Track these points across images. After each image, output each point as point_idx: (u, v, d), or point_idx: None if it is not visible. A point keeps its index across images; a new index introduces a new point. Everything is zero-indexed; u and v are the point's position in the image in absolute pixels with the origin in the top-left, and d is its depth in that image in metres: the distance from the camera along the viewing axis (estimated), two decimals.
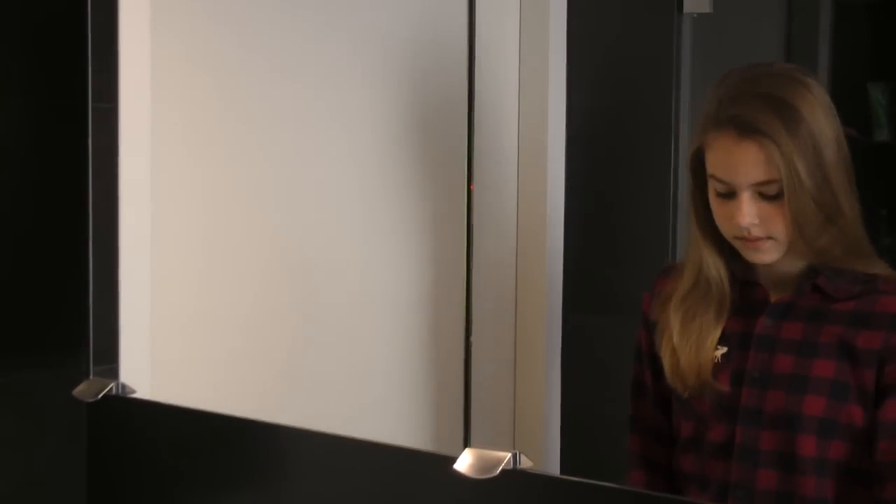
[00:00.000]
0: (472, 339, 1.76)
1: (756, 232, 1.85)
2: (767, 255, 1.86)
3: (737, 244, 1.88)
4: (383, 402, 1.98)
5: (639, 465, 1.95)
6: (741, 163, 1.84)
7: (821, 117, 1.82)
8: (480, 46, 1.79)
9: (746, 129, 1.82)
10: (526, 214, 1.84)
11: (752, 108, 1.83)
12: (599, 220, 2.17)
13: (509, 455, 1.65)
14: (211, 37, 2.09)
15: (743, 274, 1.89)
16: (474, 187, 1.78)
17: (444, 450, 1.74)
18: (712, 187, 1.88)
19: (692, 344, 1.86)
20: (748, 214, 1.85)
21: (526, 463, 1.66)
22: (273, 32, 2.06)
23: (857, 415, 1.78)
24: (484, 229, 1.84)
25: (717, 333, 1.87)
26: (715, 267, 1.88)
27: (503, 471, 1.65)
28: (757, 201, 1.84)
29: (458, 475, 1.68)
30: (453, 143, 1.85)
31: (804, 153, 1.81)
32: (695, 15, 2.17)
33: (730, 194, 1.86)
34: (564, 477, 1.67)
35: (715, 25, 2.19)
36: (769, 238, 1.85)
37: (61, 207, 2.09)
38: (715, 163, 1.87)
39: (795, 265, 1.87)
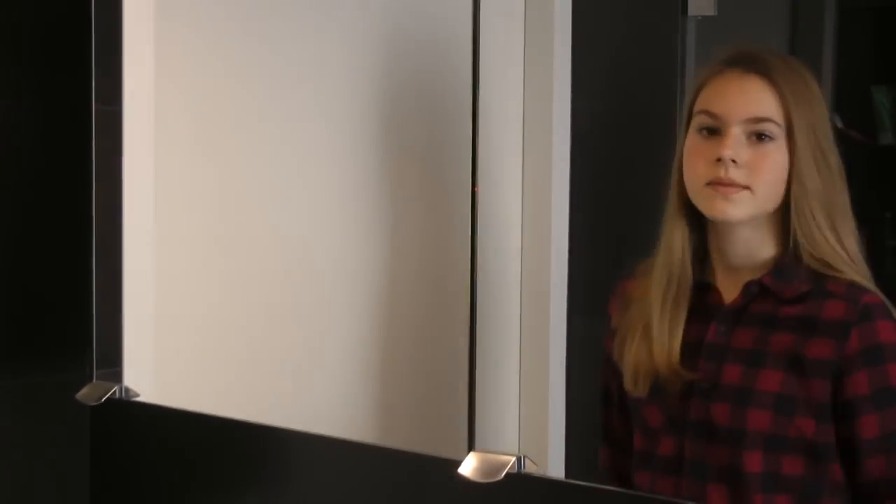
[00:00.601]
0: (477, 341, 1.76)
1: (734, 174, 1.71)
2: (737, 208, 1.72)
3: (704, 194, 1.73)
4: (387, 405, 1.98)
5: (609, 480, 1.84)
6: (740, 93, 1.74)
7: (822, 110, 1.76)
8: (485, 49, 1.79)
9: (755, 66, 1.74)
10: (530, 217, 1.83)
11: (767, 54, 1.76)
12: (604, 223, 2.17)
13: (514, 458, 1.65)
14: (215, 39, 2.09)
15: (699, 275, 1.77)
16: (479, 189, 1.77)
17: (448, 453, 1.74)
18: (696, 125, 1.75)
19: (662, 336, 1.75)
20: (732, 146, 1.71)
21: (531, 466, 1.67)
22: (278, 34, 2.06)
23: (808, 428, 1.67)
24: (488, 232, 1.82)
25: (681, 332, 1.76)
26: (681, 264, 1.76)
27: (508, 474, 1.65)
28: (745, 142, 1.72)
29: (462, 479, 1.68)
30: (457, 146, 1.84)
31: (808, 115, 1.73)
32: (699, 18, 2.16)
33: (715, 130, 1.74)
34: (569, 481, 1.67)
35: (719, 28, 2.18)
36: (745, 188, 1.72)
37: (65, 210, 2.09)
38: (709, 96, 1.76)
39: (752, 251, 1.74)
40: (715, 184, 1.72)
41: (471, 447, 1.74)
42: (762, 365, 1.70)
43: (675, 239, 1.77)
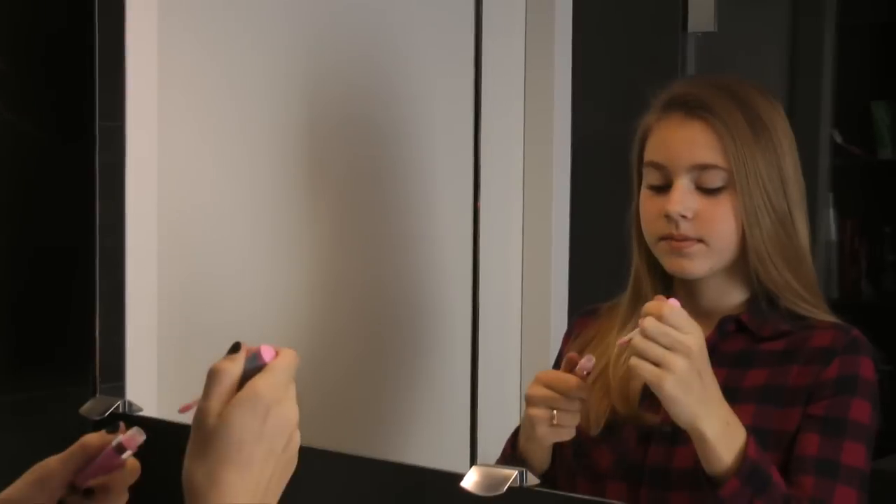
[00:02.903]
0: (479, 354, 1.75)
1: (686, 229, 1.63)
2: (694, 263, 1.64)
3: (660, 249, 1.65)
4: (387, 417, 1.97)
5: None
6: (682, 141, 1.64)
7: (784, 135, 1.66)
8: (486, 66, 1.79)
9: (696, 109, 1.64)
10: (531, 230, 1.83)
11: (708, 92, 1.65)
12: (604, 237, 2.17)
13: (516, 472, 1.64)
14: (219, 54, 2.09)
15: None
16: (480, 204, 1.77)
17: (450, 467, 1.73)
18: (646, 182, 1.67)
19: (623, 375, 1.64)
20: (680, 201, 1.62)
21: (533, 480, 1.65)
22: (282, 45, 2.06)
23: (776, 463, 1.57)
24: (490, 244, 1.82)
25: None
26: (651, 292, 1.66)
27: (510, 488, 1.64)
28: (694, 193, 1.63)
29: (464, 493, 1.66)
30: (459, 159, 1.84)
31: (763, 149, 1.63)
32: (699, 34, 2.16)
33: (664, 186, 1.65)
34: (571, 495, 1.65)
35: (719, 44, 2.18)
36: (699, 241, 1.63)
37: (68, 225, 2.09)
38: (653, 147, 1.68)
39: (722, 297, 1.67)
40: (667, 239, 1.65)
41: (473, 461, 1.74)
42: (735, 401, 1.58)
43: (643, 284, 1.70)
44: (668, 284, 1.70)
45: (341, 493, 1.88)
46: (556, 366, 1.73)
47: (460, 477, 1.67)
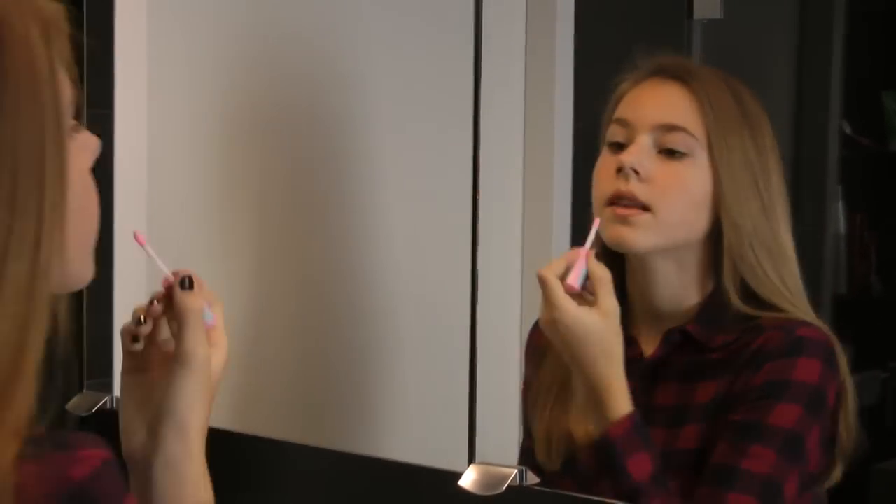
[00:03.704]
0: (477, 350, 1.73)
1: (635, 187, 1.52)
2: (636, 234, 1.53)
3: (605, 217, 1.54)
4: (384, 414, 1.94)
5: None
6: (654, 99, 1.56)
7: (769, 137, 1.57)
8: (486, 54, 1.75)
9: (678, 74, 1.57)
10: (532, 223, 1.78)
11: (696, 66, 1.60)
12: None
13: (515, 471, 1.61)
14: (209, 39, 2.05)
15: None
16: (480, 195, 1.73)
17: (447, 465, 1.72)
18: (607, 140, 1.58)
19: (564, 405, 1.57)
20: (635, 153, 1.52)
21: (532, 479, 1.62)
22: (270, 34, 2.02)
23: None
24: (489, 238, 1.78)
25: None
26: None
27: (509, 487, 1.61)
28: (654, 154, 1.54)
29: (462, 492, 1.64)
30: (459, 150, 1.80)
31: (750, 130, 1.55)
32: (705, 21, 2.10)
33: (625, 144, 1.56)
34: (572, 494, 1.61)
35: (726, 32, 2.13)
36: (646, 209, 1.52)
37: None
38: (623, 106, 1.60)
39: (675, 297, 1.56)
40: (614, 203, 1.54)
41: (471, 459, 1.70)
42: (685, 421, 1.53)
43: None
44: (622, 281, 1.60)
45: (336, 492, 1.87)
46: (526, 383, 1.67)
47: (458, 476, 1.66)
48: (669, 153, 1.55)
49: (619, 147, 1.57)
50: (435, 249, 1.87)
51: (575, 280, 1.50)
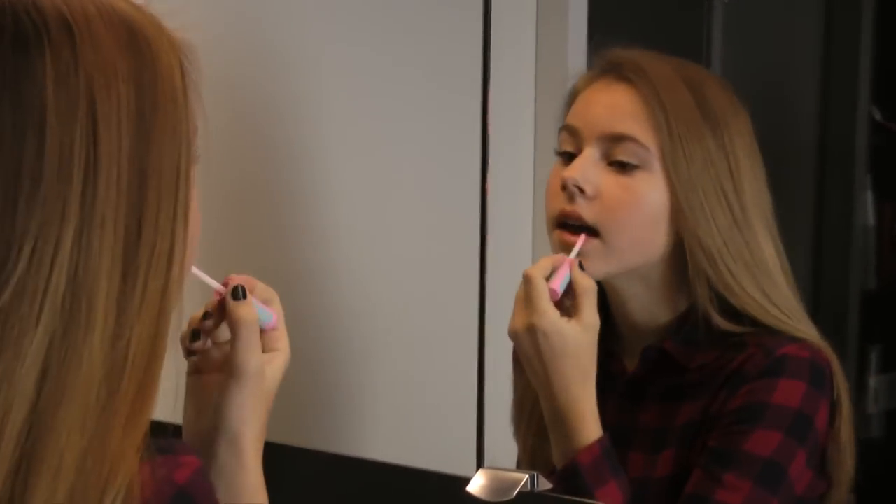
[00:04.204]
0: (486, 349, 1.67)
1: (581, 208, 1.39)
2: (585, 263, 1.40)
3: (554, 240, 1.44)
4: (391, 417, 1.89)
5: None
6: (601, 104, 1.43)
7: (739, 140, 1.42)
8: (495, 37, 1.68)
9: (627, 73, 1.43)
10: (543, 216, 1.70)
11: (651, 63, 1.44)
12: None
13: (526, 476, 1.53)
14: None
15: (601, 337, 1.42)
16: (490, 186, 1.64)
17: (455, 470, 1.66)
18: (558, 149, 1.47)
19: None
20: (579, 168, 1.38)
21: (544, 485, 1.53)
22: (273, 24, 1.96)
23: None
24: (498, 237, 1.70)
25: None
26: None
27: (520, 493, 1.54)
28: (601, 167, 1.40)
29: (471, 498, 1.59)
30: (467, 144, 1.72)
31: (714, 136, 1.40)
32: (726, 1, 2.00)
33: (574, 154, 1.43)
34: (585, 500, 1.51)
35: (748, 12, 2.03)
36: (593, 235, 1.40)
37: None
38: (574, 110, 1.47)
39: (648, 313, 1.45)
40: (561, 225, 1.43)
41: (480, 464, 1.66)
42: (664, 446, 1.43)
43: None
44: (601, 291, 1.48)
45: (342, 497, 1.82)
46: (516, 396, 1.58)
47: (466, 481, 1.60)
48: (619, 165, 1.43)
49: (569, 158, 1.46)
50: (444, 249, 1.82)
51: (557, 285, 1.40)
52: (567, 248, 1.43)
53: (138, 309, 0.94)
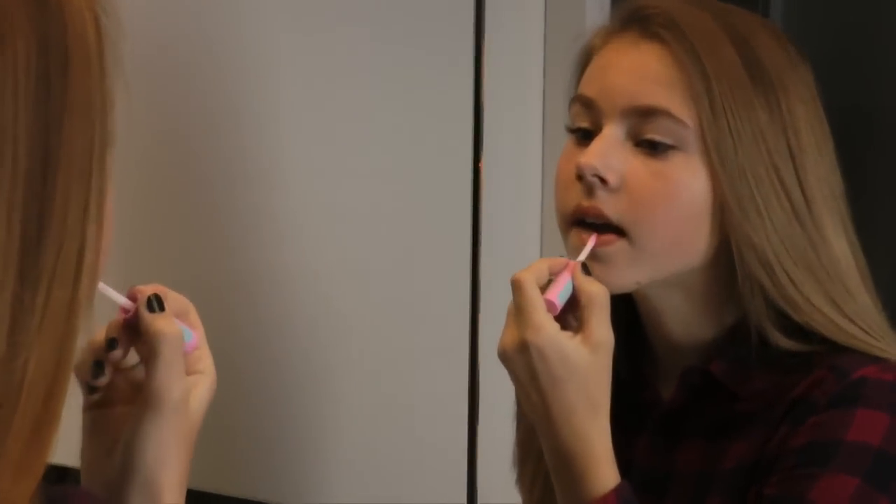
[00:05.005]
0: (480, 372, 1.53)
1: (603, 203, 1.18)
2: (610, 270, 1.19)
3: (571, 243, 1.22)
4: (360, 458, 1.73)
5: None
6: (625, 70, 1.20)
7: (798, 96, 1.19)
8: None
9: (657, 27, 1.19)
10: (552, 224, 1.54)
11: (685, 9, 1.20)
12: None
13: None
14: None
15: (624, 359, 1.24)
16: (483, 165, 1.46)
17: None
18: (570, 126, 1.24)
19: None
20: (599, 153, 1.17)
21: None
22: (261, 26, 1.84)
23: None
24: (495, 232, 1.55)
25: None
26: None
27: None
28: (627, 149, 1.19)
29: None
30: (457, 117, 1.57)
31: (765, 105, 1.18)
32: None
33: (591, 133, 1.21)
34: None
35: None
36: (619, 234, 1.19)
37: None
38: (588, 76, 1.24)
39: (689, 327, 1.23)
40: (578, 223, 1.20)
41: (471, 499, 1.59)
42: (708, 492, 1.22)
43: None
44: (627, 301, 1.26)
45: None
46: (519, 432, 1.35)
47: None
48: (650, 146, 1.19)
49: (584, 136, 1.22)
50: (427, 247, 1.68)
51: (555, 295, 1.17)
52: (585, 250, 1.21)
53: (38, 326, 0.83)
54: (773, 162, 1.19)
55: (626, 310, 1.25)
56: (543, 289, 1.17)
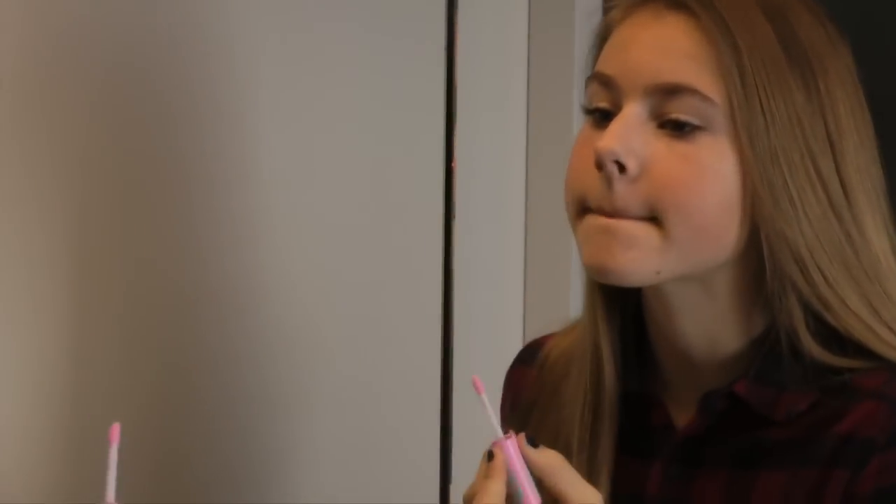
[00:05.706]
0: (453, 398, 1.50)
1: (623, 197, 1.08)
2: (627, 257, 1.08)
3: (582, 234, 1.12)
4: (331, 481, 1.68)
5: None
6: (644, 43, 1.11)
7: (837, 75, 1.09)
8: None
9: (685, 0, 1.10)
10: (538, 202, 1.49)
11: None
12: None
13: None
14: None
15: (634, 378, 1.16)
16: (456, 165, 1.39)
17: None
18: (586, 105, 1.14)
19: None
20: (619, 136, 1.07)
21: None
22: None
23: None
24: (471, 223, 1.51)
25: (605, 477, 1.14)
26: (595, 359, 1.15)
27: None
28: (650, 130, 1.09)
29: None
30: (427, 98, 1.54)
31: (802, 85, 1.08)
32: None
33: (610, 114, 1.12)
34: None
35: None
36: (647, 218, 1.08)
37: None
38: (606, 53, 1.14)
39: (711, 341, 1.13)
40: (591, 209, 1.10)
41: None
42: None
43: (588, 317, 1.18)
44: (636, 311, 1.17)
45: None
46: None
47: None
48: (675, 127, 1.09)
49: (603, 117, 1.12)
50: (399, 245, 1.62)
51: (530, 492, 1.06)
52: (601, 231, 1.10)
53: None
54: (810, 147, 1.08)
55: (633, 317, 1.16)
56: (511, 496, 1.06)
